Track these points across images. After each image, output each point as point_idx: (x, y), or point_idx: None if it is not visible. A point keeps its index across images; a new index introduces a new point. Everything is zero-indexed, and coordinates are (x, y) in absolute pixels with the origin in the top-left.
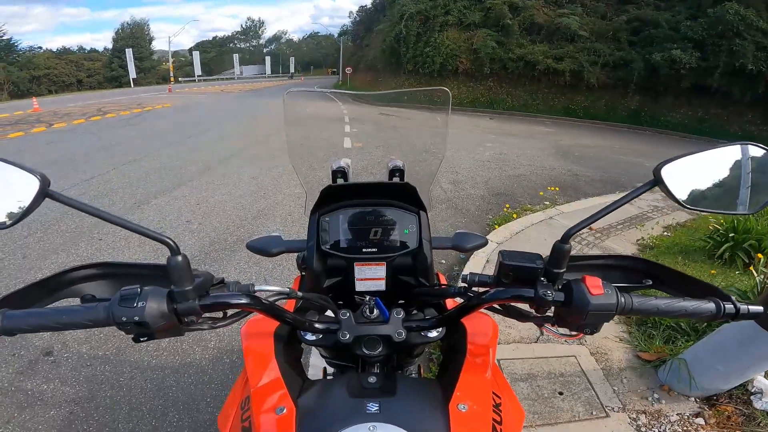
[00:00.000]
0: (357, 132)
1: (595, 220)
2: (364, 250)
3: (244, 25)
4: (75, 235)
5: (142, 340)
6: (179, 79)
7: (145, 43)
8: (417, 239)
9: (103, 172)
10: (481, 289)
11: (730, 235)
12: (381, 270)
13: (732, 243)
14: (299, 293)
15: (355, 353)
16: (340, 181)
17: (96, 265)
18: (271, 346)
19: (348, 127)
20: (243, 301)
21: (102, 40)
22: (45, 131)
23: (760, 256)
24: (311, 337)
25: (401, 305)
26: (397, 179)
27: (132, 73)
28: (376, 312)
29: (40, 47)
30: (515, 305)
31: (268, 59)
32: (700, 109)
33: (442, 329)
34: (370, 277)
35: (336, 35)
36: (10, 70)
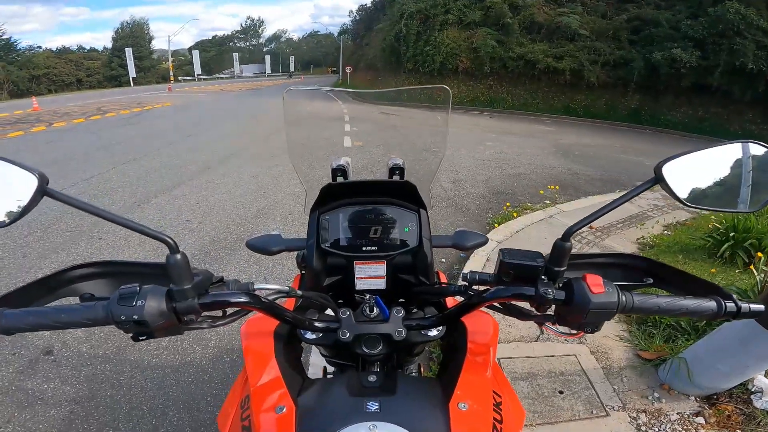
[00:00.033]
0: (357, 131)
1: (596, 218)
2: (364, 248)
3: (243, 24)
4: (75, 234)
5: (141, 338)
6: (179, 78)
7: (144, 42)
8: (417, 237)
9: (102, 171)
10: (482, 288)
11: (730, 234)
12: (381, 268)
13: (732, 242)
14: (299, 292)
15: (355, 352)
16: (340, 179)
17: (95, 264)
18: (270, 345)
19: (348, 126)
20: (242, 299)
21: (102, 39)
22: (45, 130)
23: (760, 255)
24: (311, 335)
25: (401, 304)
26: (397, 177)
27: (132, 72)
28: (376, 310)
29: (40, 46)
30: (516, 304)
31: (267, 58)
32: (701, 108)
33: (442, 328)
34: (370, 275)
35: (336, 34)
36: (9, 70)
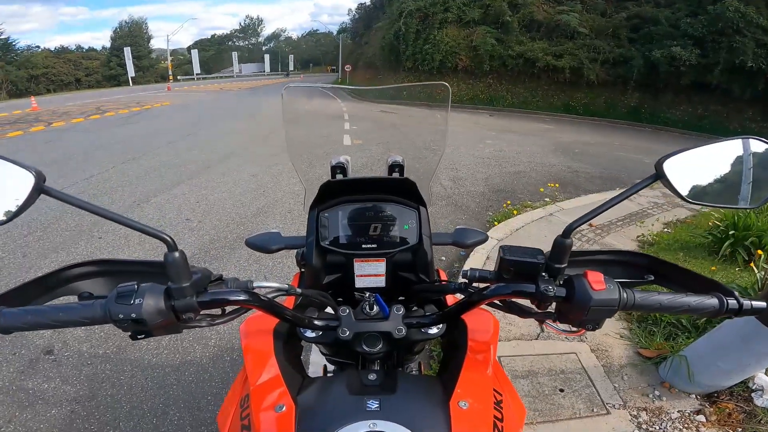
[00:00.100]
0: (357, 129)
1: (597, 215)
2: (363, 246)
3: (243, 23)
4: (75, 233)
5: (139, 337)
6: (178, 77)
7: (143, 41)
8: (417, 235)
9: (102, 171)
10: (482, 285)
11: (730, 231)
12: (381, 266)
13: (732, 239)
14: (298, 290)
15: (355, 350)
16: (339, 176)
17: (93, 263)
18: (270, 343)
19: (348, 125)
20: (241, 297)
21: (102, 38)
22: (44, 130)
23: (760, 252)
24: (311, 334)
25: (401, 302)
26: (396, 175)
27: (130, 71)
28: (376, 309)
29: (38, 46)
30: (516, 301)
31: (267, 57)
32: (700, 106)
33: (442, 326)
34: (370, 273)
35: (335, 33)
36: (8, 70)
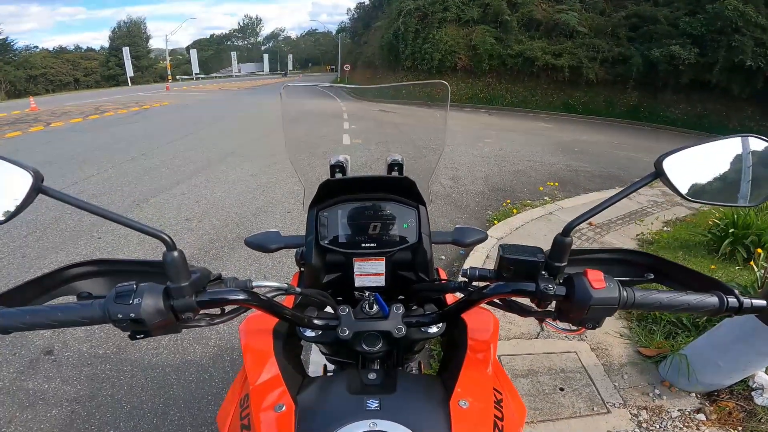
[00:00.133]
0: (356, 128)
1: (597, 213)
2: (363, 245)
3: (241, 23)
4: (74, 233)
5: (138, 337)
6: (177, 77)
7: (142, 41)
8: (416, 234)
9: (101, 171)
10: (482, 284)
11: (730, 230)
12: (380, 265)
13: (732, 238)
14: (298, 289)
15: (355, 350)
16: (338, 175)
17: (92, 263)
18: (270, 343)
19: (347, 124)
20: (241, 297)
21: (101, 38)
22: (43, 130)
23: (760, 251)
24: (310, 333)
25: (401, 301)
26: (396, 173)
27: (129, 71)
28: (376, 308)
29: (37, 46)
30: (516, 300)
31: (266, 57)
32: (699, 105)
33: (442, 325)
34: (370, 272)
35: (334, 32)
36: (6, 70)
